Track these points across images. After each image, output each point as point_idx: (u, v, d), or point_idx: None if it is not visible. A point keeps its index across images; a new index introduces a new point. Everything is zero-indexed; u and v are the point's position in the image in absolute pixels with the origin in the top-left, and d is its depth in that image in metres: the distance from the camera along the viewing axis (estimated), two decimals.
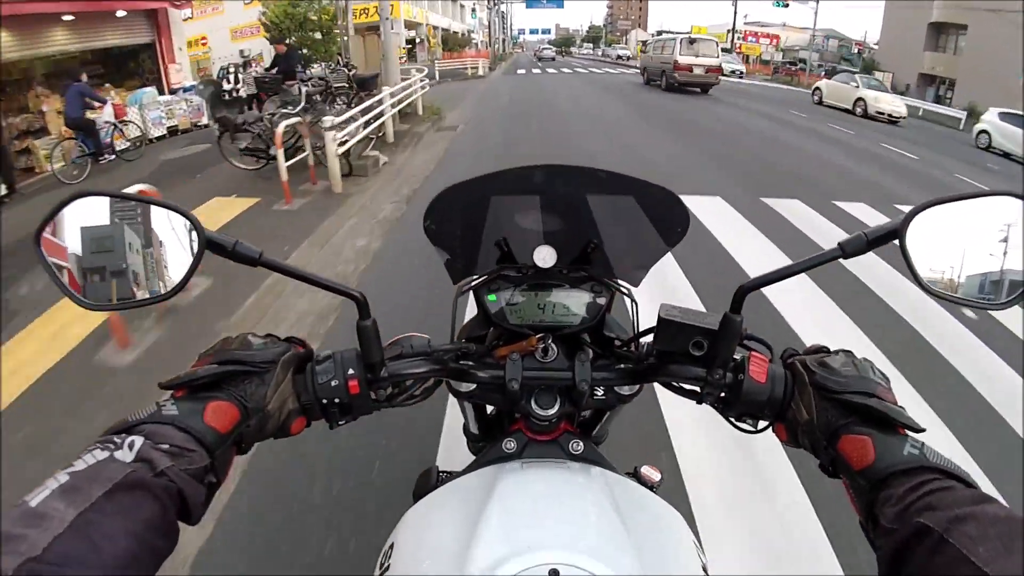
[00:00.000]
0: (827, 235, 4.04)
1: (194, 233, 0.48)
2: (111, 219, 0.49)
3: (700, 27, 46.09)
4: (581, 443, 0.63)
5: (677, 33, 19.98)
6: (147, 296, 0.50)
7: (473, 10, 57.46)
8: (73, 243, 0.48)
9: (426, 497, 0.59)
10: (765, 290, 2.28)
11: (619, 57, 42.49)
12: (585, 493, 0.55)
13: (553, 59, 42.98)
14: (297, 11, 15.03)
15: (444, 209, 0.60)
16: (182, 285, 0.50)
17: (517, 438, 0.64)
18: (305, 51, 15.21)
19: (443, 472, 0.77)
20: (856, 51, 37.31)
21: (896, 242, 0.47)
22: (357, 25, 26.72)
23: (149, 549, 0.37)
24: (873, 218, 4.72)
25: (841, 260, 0.48)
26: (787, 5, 29.06)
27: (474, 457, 0.68)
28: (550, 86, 16.73)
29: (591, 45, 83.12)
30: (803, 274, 0.51)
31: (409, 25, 30.94)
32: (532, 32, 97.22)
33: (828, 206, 4.91)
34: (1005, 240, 0.47)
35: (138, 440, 0.40)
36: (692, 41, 14.84)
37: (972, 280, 0.49)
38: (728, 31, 40.55)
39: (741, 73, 28.07)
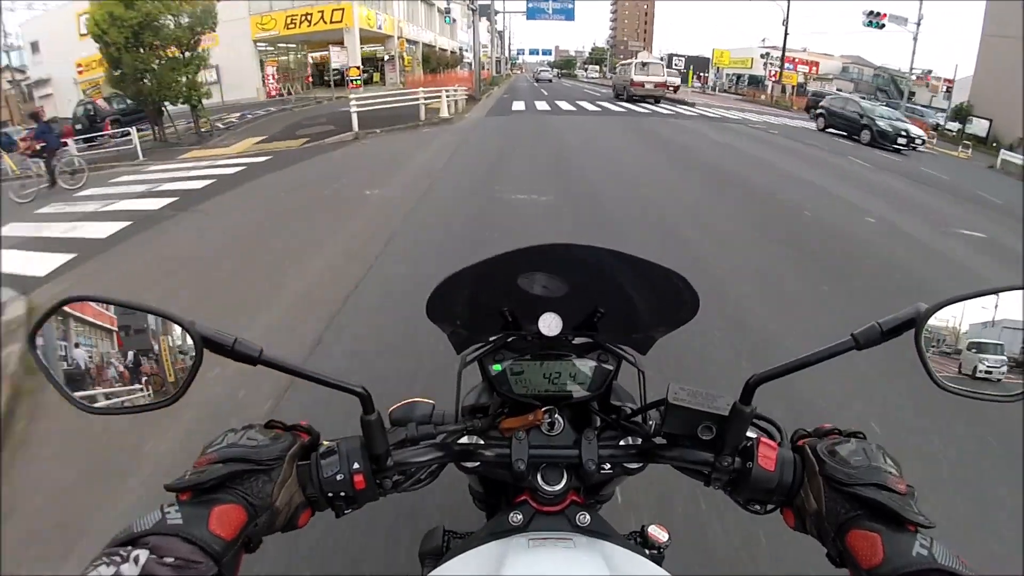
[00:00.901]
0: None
1: (190, 337, 0.49)
2: (109, 324, 0.50)
3: (724, 51, 46.08)
4: (588, 516, 0.64)
5: (649, 59, 24.79)
6: (147, 403, 0.51)
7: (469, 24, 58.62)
8: (70, 344, 0.50)
9: (436, 570, 0.60)
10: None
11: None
12: (592, 572, 0.56)
13: (550, 80, 43.97)
14: (131, 14, 9.59)
15: (445, 295, 0.61)
16: (183, 390, 0.51)
17: (524, 511, 0.64)
18: (146, 82, 10.49)
19: (448, 532, 0.78)
20: (891, 80, 34.79)
21: (911, 330, 0.49)
22: (265, 39, 23.58)
23: None
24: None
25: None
26: (882, 26, 23.98)
27: (479, 510, 0.69)
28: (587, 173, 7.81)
29: (596, 67, 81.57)
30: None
31: (372, 38, 26.52)
32: (532, 53, 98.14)
33: None
34: (1018, 332, 0.50)
35: (143, 554, 0.41)
36: (644, 64, 22.02)
37: (984, 372, 0.50)
38: (764, 55, 39.09)
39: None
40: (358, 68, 23.19)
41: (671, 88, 25.79)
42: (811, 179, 7.96)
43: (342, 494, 0.56)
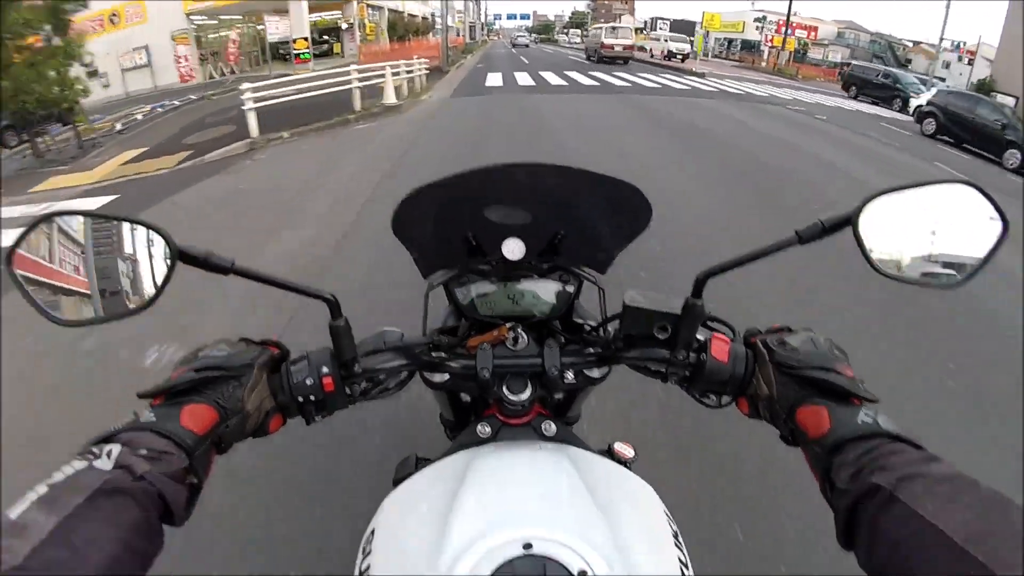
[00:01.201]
0: None
1: (167, 247, 0.51)
2: (85, 237, 0.52)
3: (714, 14, 43.46)
4: (553, 425, 0.68)
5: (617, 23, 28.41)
6: (121, 310, 0.53)
7: None
8: (47, 261, 0.51)
9: (404, 482, 0.64)
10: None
11: (671, 55, 26.18)
12: (557, 471, 0.60)
13: (527, 46, 42.83)
14: None
15: (411, 211, 0.64)
16: (155, 298, 0.53)
17: (491, 423, 0.69)
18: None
19: (421, 459, 0.80)
20: (888, 46, 33.81)
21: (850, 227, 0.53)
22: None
23: (133, 552, 0.40)
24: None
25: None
26: None
27: (450, 441, 0.76)
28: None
29: (577, 31, 76.68)
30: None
31: (328, 5, 22.37)
32: (510, 17, 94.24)
33: None
34: (954, 225, 0.53)
35: (116, 448, 0.44)
36: (614, 28, 24.56)
37: (924, 263, 0.54)
38: (759, 19, 37.32)
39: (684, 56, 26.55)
40: (305, 40, 18.87)
41: (679, 57, 25.96)
42: None
43: (312, 398, 0.59)
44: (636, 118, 9.36)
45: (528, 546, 0.48)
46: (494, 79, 15.52)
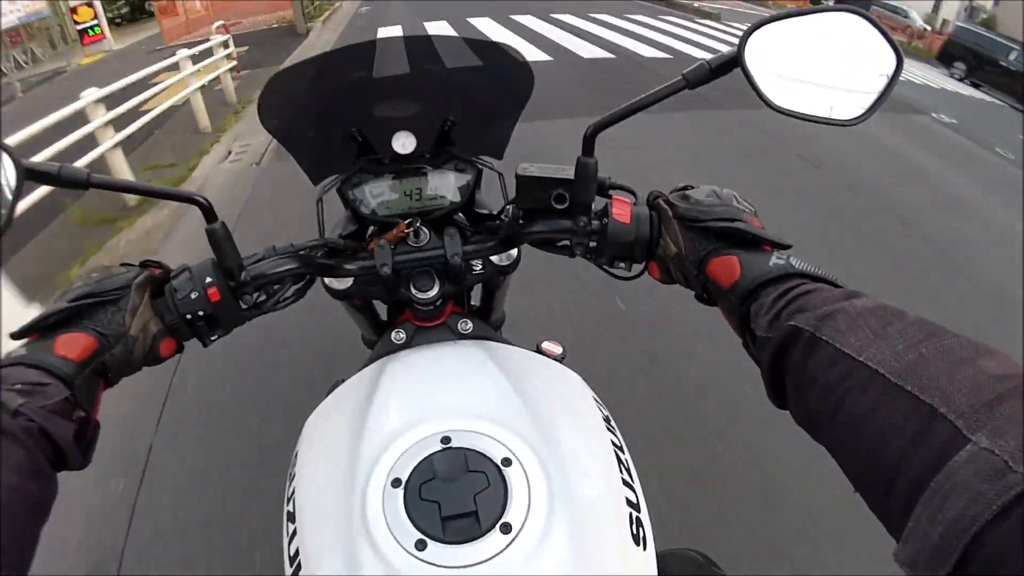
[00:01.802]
0: None
1: (10, 164, 0.49)
2: None
3: None
4: (470, 323, 0.72)
5: None
6: None
7: None
8: None
9: (322, 402, 0.66)
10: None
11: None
12: (474, 365, 0.63)
13: None
14: None
15: (282, 100, 0.64)
16: (7, 223, 0.50)
17: (405, 328, 0.72)
18: None
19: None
20: None
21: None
22: None
23: (22, 497, 0.38)
24: None
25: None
26: None
27: None
28: None
29: None
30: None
31: None
32: None
33: None
34: (848, 56, 0.53)
35: None
36: None
37: (822, 96, 0.54)
38: None
39: None
40: (89, 5, 12.62)
41: None
42: None
43: (200, 313, 0.58)
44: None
45: (447, 440, 0.50)
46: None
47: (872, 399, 0.36)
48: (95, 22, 12.91)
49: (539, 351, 0.81)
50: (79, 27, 12.67)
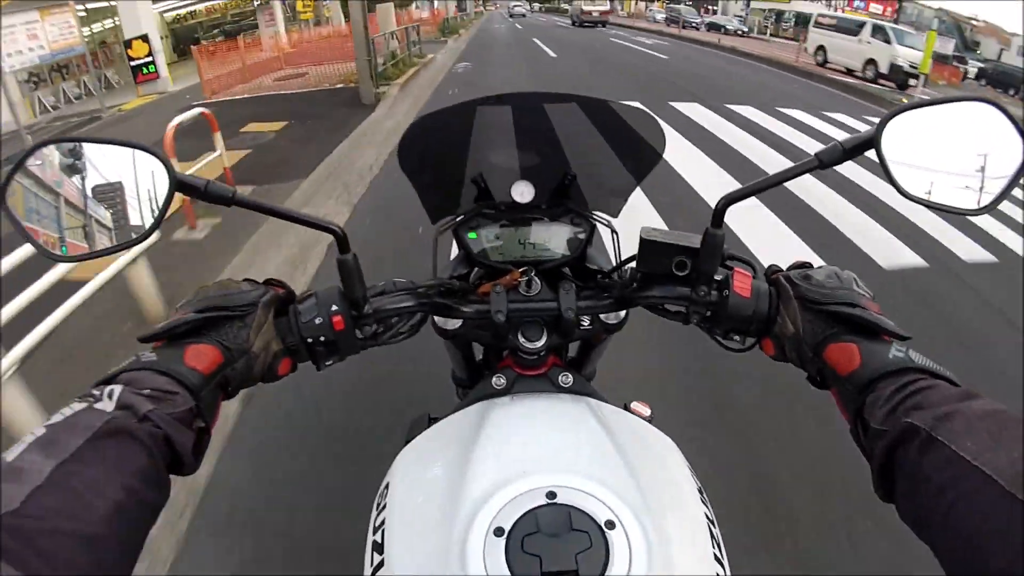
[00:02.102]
0: None
1: (165, 175, 0.55)
2: (79, 165, 0.56)
3: None
4: (571, 376, 0.75)
5: None
6: (118, 242, 0.57)
7: None
8: (41, 192, 0.55)
9: (418, 437, 0.69)
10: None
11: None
12: (577, 421, 0.65)
13: (524, 15, 45.60)
14: None
15: (418, 141, 0.70)
16: (153, 229, 0.56)
17: (506, 374, 0.75)
18: None
19: (434, 418, 0.86)
20: (956, 26, 27.56)
21: (872, 150, 0.56)
22: None
23: (138, 500, 0.41)
24: None
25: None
26: None
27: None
28: None
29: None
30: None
31: None
32: None
33: None
34: (979, 146, 0.56)
35: (117, 388, 0.46)
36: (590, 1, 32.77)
37: (951, 184, 0.57)
38: None
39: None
40: (145, 40, 11.14)
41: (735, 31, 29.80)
42: None
43: (321, 339, 0.63)
44: None
45: (552, 495, 0.52)
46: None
47: (985, 506, 0.37)
48: (149, 59, 11.40)
49: (627, 409, 0.83)
50: (132, 64, 11.37)
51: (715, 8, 42.00)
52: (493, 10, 66.59)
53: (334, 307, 0.63)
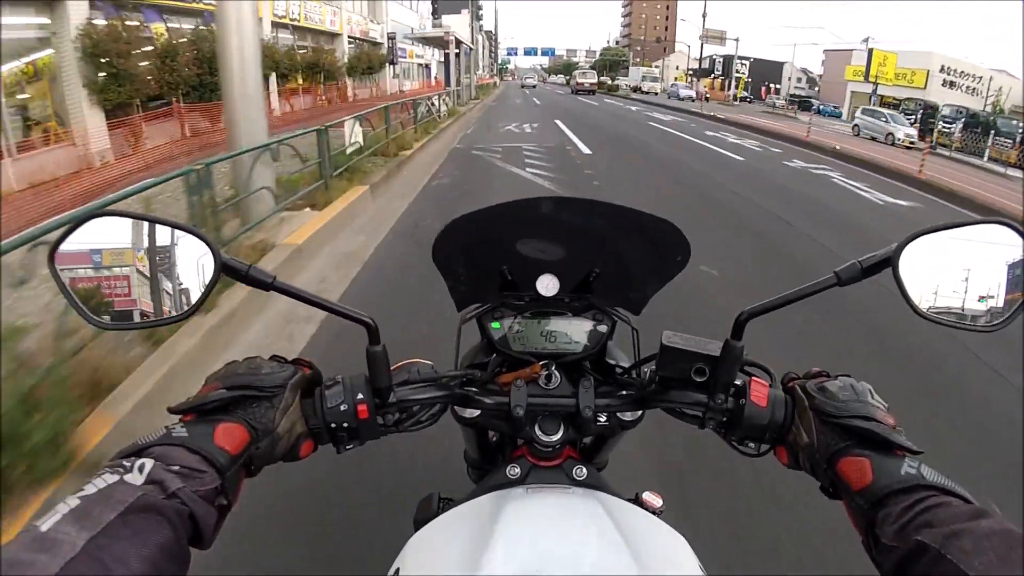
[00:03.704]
0: None
1: (210, 256, 0.61)
2: (129, 240, 0.63)
3: (887, 53, 30.16)
4: (585, 469, 0.79)
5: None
6: (161, 318, 0.64)
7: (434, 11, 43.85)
8: (89, 261, 0.62)
9: (431, 523, 0.73)
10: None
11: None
12: (590, 518, 0.69)
13: (535, 86, 51.40)
14: None
15: (452, 239, 0.76)
16: (196, 308, 0.63)
17: (521, 464, 0.80)
18: None
19: (444, 498, 0.93)
20: None
21: (889, 268, 0.63)
22: None
23: (160, 574, 0.44)
24: None
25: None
26: None
27: (473, 482, 0.91)
28: None
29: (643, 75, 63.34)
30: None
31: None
32: (529, 53, 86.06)
33: None
34: (994, 266, 0.63)
35: (148, 463, 0.50)
36: (583, 72, 50.91)
37: (965, 304, 0.64)
38: (945, 69, 28.49)
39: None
40: None
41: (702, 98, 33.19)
42: None
43: (345, 425, 0.68)
44: None
45: None
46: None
47: None
48: None
49: (639, 500, 0.88)
50: None
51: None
52: (510, 80, 69.33)
53: (360, 395, 0.68)
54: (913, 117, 24.34)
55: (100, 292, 0.62)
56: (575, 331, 0.82)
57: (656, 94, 52.72)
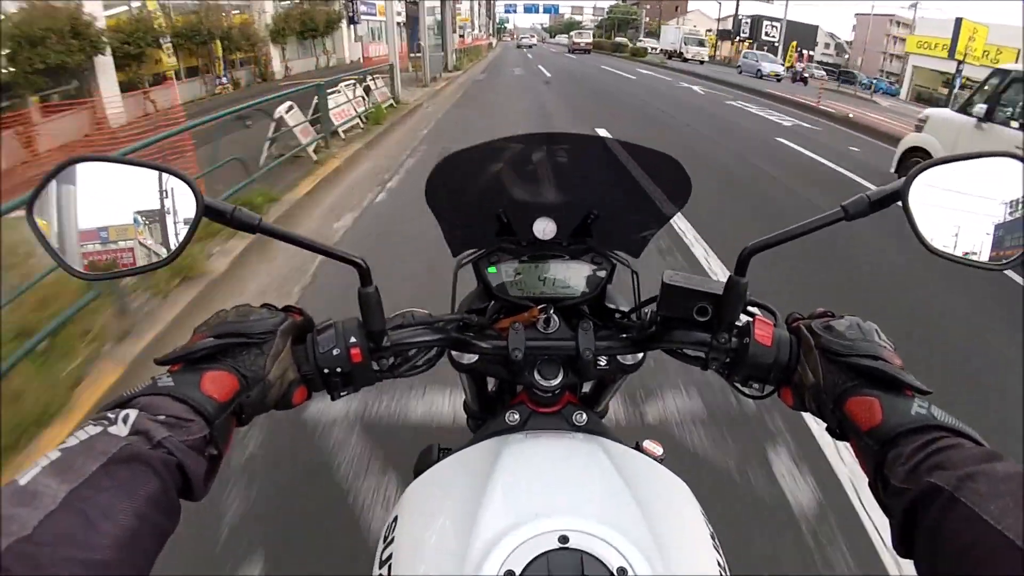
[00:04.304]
0: None
1: (192, 199, 0.61)
2: (108, 184, 0.62)
3: (977, 24, 25.42)
4: (585, 415, 0.81)
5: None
6: (143, 263, 0.63)
7: None
8: (68, 209, 0.61)
9: (429, 470, 0.74)
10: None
11: None
12: (591, 462, 0.70)
13: (532, 46, 53.58)
14: None
15: (445, 177, 0.76)
16: (178, 252, 0.62)
17: (520, 410, 0.81)
18: None
19: (444, 449, 0.94)
20: None
21: (899, 203, 0.62)
22: None
23: (150, 526, 0.44)
24: None
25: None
26: None
27: (472, 432, 0.89)
28: None
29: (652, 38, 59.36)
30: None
31: None
32: (529, 10, 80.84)
33: None
34: (1005, 200, 0.62)
35: (132, 413, 0.50)
36: (579, 33, 55.72)
37: (974, 240, 0.63)
38: None
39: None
40: None
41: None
42: None
43: (338, 370, 0.68)
44: None
45: (564, 539, 0.55)
46: None
47: (1006, 569, 0.40)
48: None
49: (639, 448, 0.88)
50: None
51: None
52: (508, 41, 68.18)
53: (353, 339, 0.68)
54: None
55: (81, 242, 0.62)
56: (573, 275, 0.82)
57: (702, 62, 42.92)
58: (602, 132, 9.69)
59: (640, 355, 0.81)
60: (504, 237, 0.81)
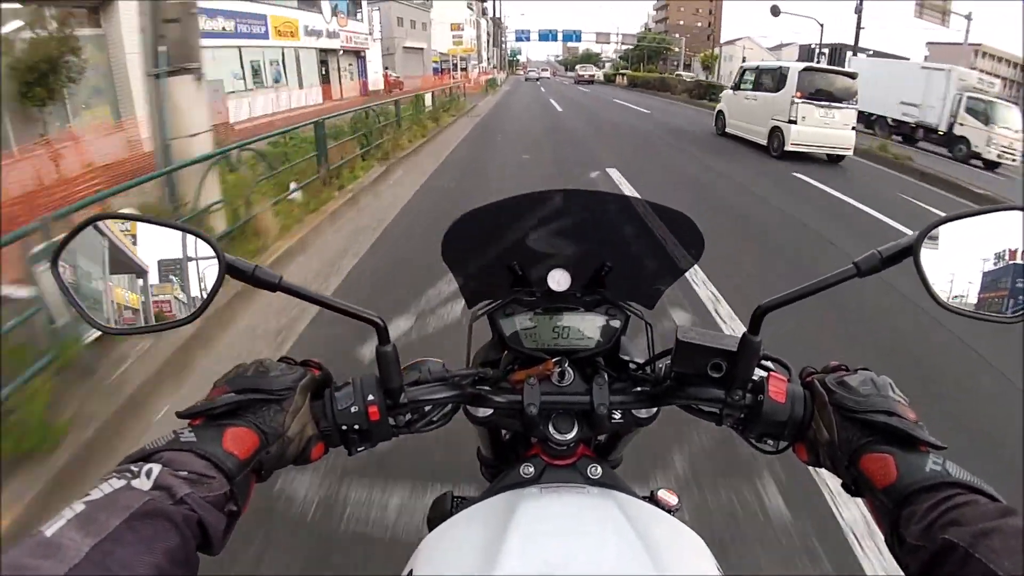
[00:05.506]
0: None
1: (215, 258, 0.66)
2: (133, 243, 0.66)
3: None
4: (599, 468, 0.83)
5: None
6: (167, 321, 0.67)
7: None
8: (92, 266, 0.66)
9: (444, 523, 0.77)
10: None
11: None
12: (605, 517, 0.73)
13: (538, 80, 58.27)
14: None
15: (461, 234, 0.81)
16: (202, 310, 0.67)
17: (535, 463, 0.84)
18: None
19: (457, 497, 0.98)
20: None
21: (911, 258, 0.65)
22: None
23: None
24: None
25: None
26: None
27: (487, 482, 0.95)
28: None
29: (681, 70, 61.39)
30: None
31: None
32: (545, 38, 76.02)
33: None
34: (1014, 254, 0.65)
35: (156, 468, 0.53)
36: (584, 67, 70.34)
37: (985, 294, 0.67)
38: None
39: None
40: None
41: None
42: None
43: (356, 427, 0.72)
44: None
45: None
46: None
47: None
48: None
49: (654, 497, 0.91)
50: None
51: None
52: (520, 75, 70.01)
53: (371, 396, 0.72)
54: None
55: (105, 296, 0.66)
56: (588, 327, 0.85)
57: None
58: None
59: (655, 409, 0.84)
60: (518, 289, 0.85)
